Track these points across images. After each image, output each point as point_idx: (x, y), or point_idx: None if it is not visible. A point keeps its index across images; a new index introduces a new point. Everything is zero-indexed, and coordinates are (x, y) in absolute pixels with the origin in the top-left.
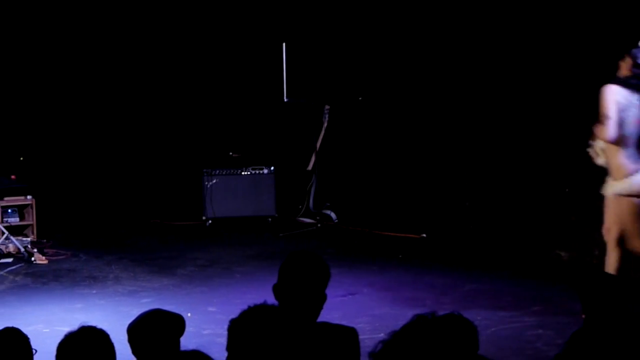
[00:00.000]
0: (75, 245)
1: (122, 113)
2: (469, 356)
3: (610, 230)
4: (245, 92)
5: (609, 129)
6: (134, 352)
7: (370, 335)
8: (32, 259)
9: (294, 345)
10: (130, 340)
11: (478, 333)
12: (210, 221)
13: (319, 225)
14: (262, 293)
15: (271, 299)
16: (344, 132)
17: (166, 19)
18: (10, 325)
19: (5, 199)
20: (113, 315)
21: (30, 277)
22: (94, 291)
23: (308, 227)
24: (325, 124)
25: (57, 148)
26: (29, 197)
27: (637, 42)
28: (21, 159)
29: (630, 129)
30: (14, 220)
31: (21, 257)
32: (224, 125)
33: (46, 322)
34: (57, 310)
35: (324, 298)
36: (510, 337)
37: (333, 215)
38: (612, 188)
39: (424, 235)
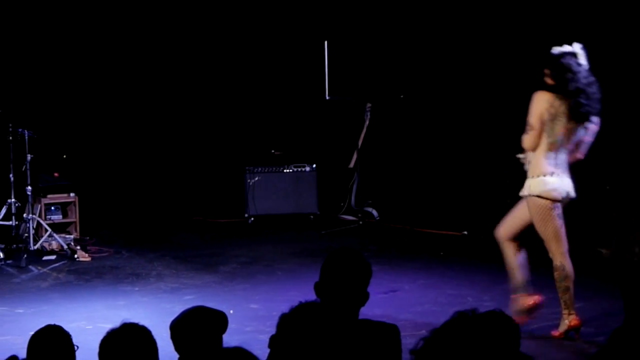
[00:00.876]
0: (117, 243)
1: (165, 111)
2: (510, 353)
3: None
4: (288, 90)
5: (532, 139)
6: (177, 349)
7: (411, 332)
8: (75, 256)
9: (336, 343)
10: (172, 337)
11: (519, 330)
12: (252, 218)
13: (360, 222)
14: (304, 290)
15: (314, 297)
16: (386, 130)
17: (210, 18)
18: (53, 322)
19: (49, 196)
20: (155, 313)
21: (73, 275)
22: (137, 288)
23: (350, 225)
24: (367, 122)
25: (100, 145)
26: (72, 194)
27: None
28: (64, 156)
29: (557, 136)
30: (57, 217)
31: (64, 255)
32: (266, 123)
33: (89, 319)
34: (99, 307)
35: (365, 296)
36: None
37: (375, 212)
38: (526, 189)
39: (465, 232)
